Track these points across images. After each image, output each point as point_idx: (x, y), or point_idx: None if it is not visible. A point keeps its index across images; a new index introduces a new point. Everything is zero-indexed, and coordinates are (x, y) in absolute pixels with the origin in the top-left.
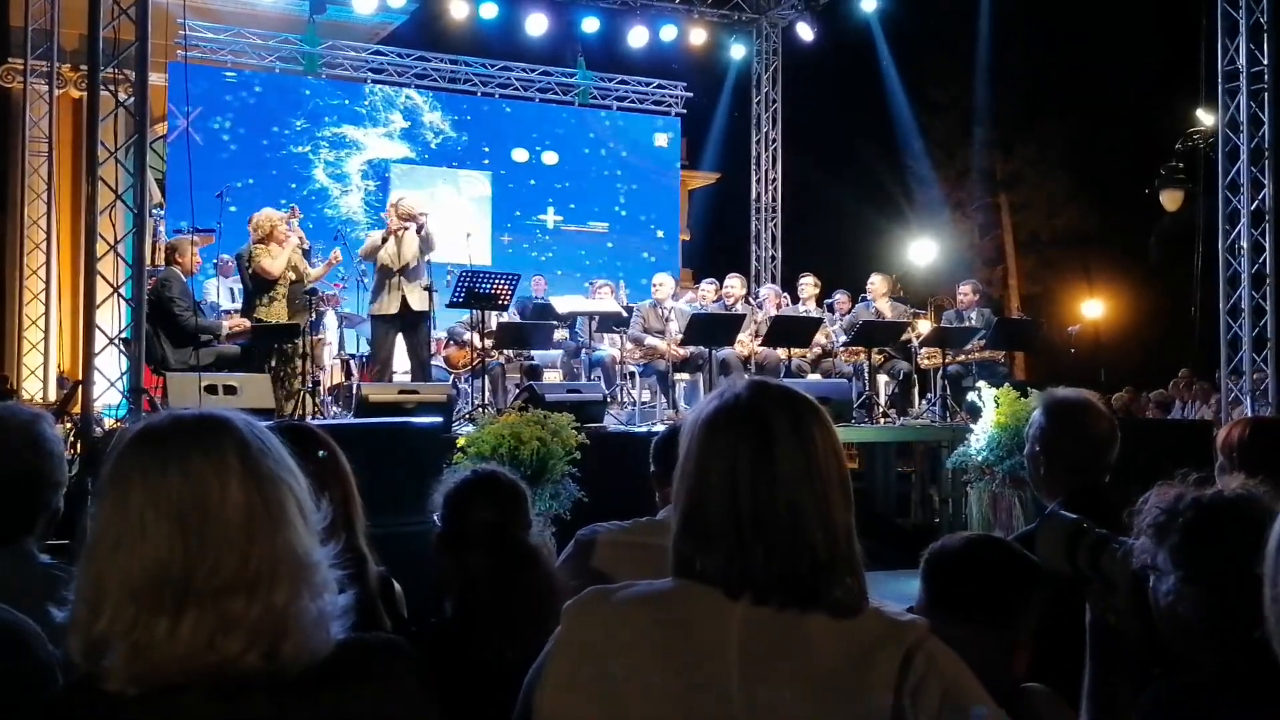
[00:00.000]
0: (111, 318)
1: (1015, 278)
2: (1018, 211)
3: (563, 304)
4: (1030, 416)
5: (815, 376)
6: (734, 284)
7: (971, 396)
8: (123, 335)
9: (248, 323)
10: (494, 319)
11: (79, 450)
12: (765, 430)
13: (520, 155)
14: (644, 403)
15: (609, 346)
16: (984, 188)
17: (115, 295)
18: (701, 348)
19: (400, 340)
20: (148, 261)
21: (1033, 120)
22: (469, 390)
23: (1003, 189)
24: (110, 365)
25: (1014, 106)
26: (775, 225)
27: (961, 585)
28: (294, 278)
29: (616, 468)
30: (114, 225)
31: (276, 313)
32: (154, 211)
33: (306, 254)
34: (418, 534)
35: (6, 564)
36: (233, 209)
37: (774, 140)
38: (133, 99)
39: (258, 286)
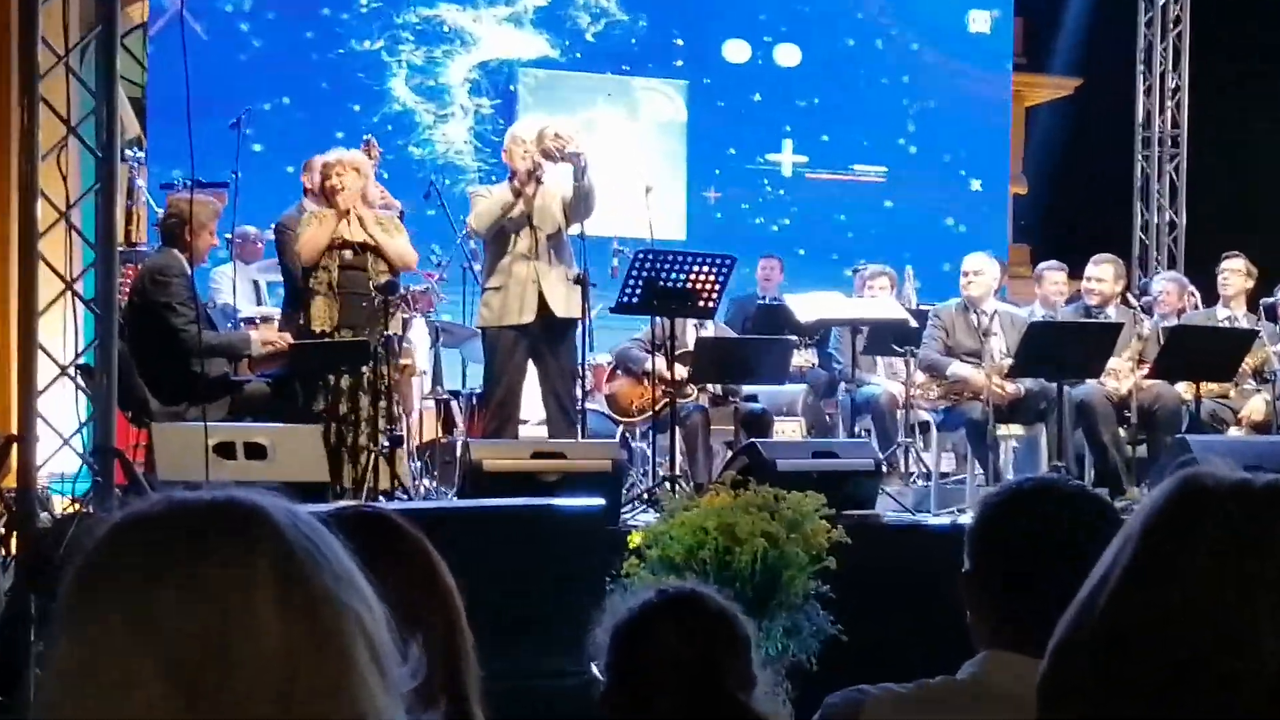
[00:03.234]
0: (63, 332)
1: None
2: None
3: (806, 306)
4: None
5: (1237, 432)
6: (1102, 272)
7: None
8: (80, 361)
9: (288, 338)
10: (692, 331)
11: (11, 550)
12: (1267, 549)
13: (737, 52)
14: (946, 475)
15: (885, 378)
16: None
17: (68, 294)
18: (1044, 381)
19: (531, 367)
20: (121, 237)
21: None
22: (647, 451)
23: None
24: (62, 409)
25: None
26: (1177, 172)
27: None
28: (347, 259)
29: (896, 584)
30: (65, 178)
31: (318, 317)
32: (129, 153)
33: (400, 218)
34: (569, 692)
35: None
36: (257, 148)
37: (1178, 26)
38: None
39: (292, 280)
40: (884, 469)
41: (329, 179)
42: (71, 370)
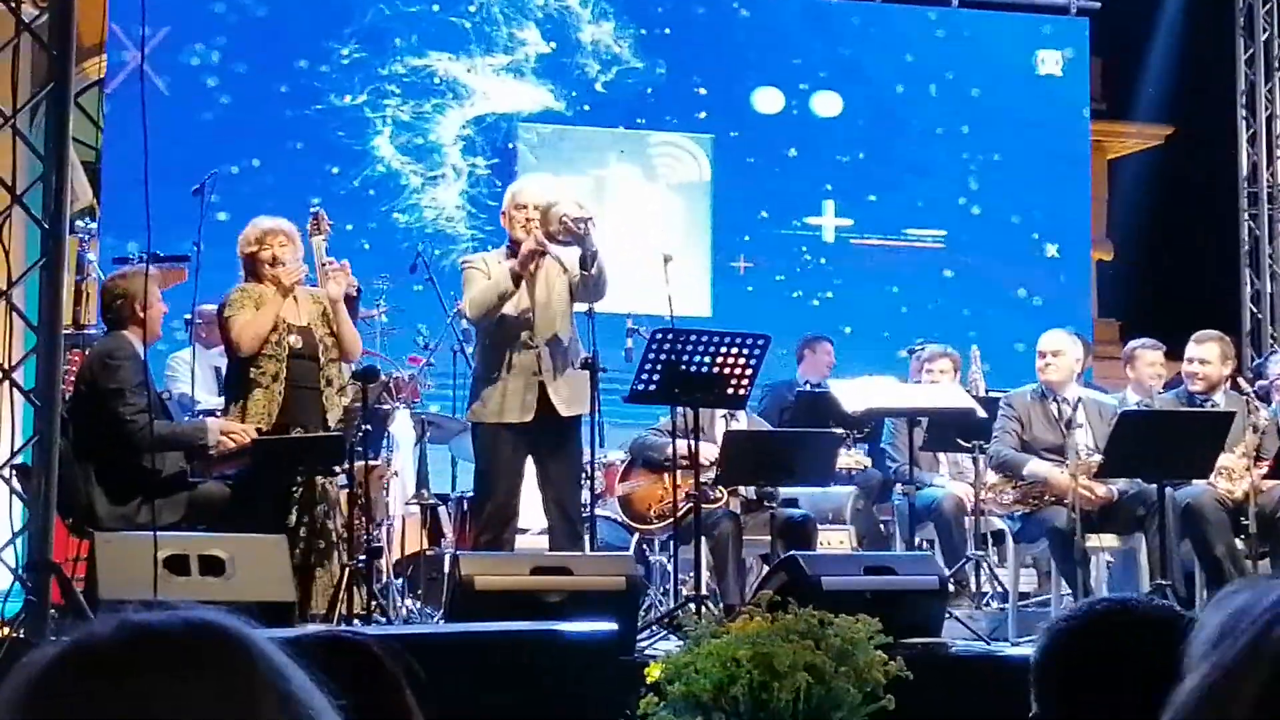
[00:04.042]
0: None
1: None
2: None
3: (854, 393)
4: None
5: None
6: (1206, 351)
7: None
8: (16, 461)
9: (252, 431)
10: (720, 423)
11: None
12: None
13: (768, 101)
14: (1026, 595)
15: (950, 479)
16: None
17: (6, 384)
18: (1141, 482)
19: (531, 466)
20: (68, 319)
21: None
22: (668, 566)
23: None
24: None
25: None
26: None
27: None
28: (295, 347)
29: None
30: (7, 252)
31: (255, 413)
32: (80, 224)
33: (354, 301)
34: None
35: None
36: (223, 216)
37: None
38: (44, 17)
39: (233, 366)
40: (950, 588)
41: (268, 248)
42: (6, 471)
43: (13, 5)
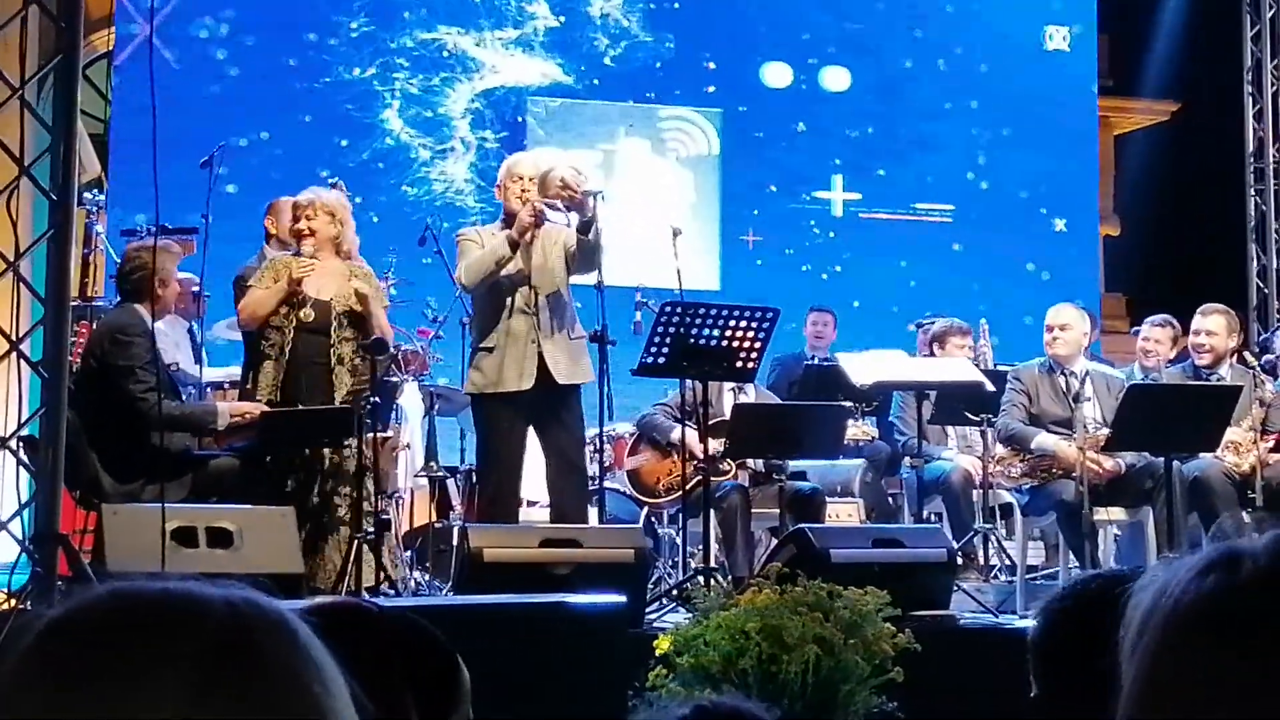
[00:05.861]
0: (4, 398)
1: None
2: None
3: (863, 367)
4: None
5: None
6: (1213, 324)
7: None
8: (24, 433)
9: (261, 406)
10: (729, 397)
11: None
12: None
13: (777, 76)
14: (1034, 568)
15: (958, 452)
16: None
17: (13, 355)
18: (1148, 455)
19: (532, 437)
20: (76, 290)
21: None
22: (676, 538)
23: None
24: (0, 488)
25: None
26: None
27: None
28: (306, 320)
29: (974, 701)
30: (15, 223)
31: (264, 385)
32: (88, 196)
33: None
34: None
35: None
36: (231, 189)
37: None
38: None
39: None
40: (959, 560)
41: (296, 221)
42: (13, 443)
43: None
